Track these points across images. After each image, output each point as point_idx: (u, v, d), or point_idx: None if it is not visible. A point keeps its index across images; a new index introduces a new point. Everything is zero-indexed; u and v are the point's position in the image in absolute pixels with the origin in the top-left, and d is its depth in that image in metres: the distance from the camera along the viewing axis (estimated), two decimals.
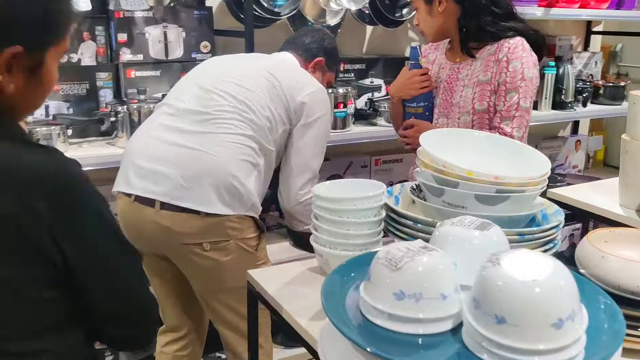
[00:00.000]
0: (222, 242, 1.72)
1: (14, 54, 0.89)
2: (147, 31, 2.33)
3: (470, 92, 1.94)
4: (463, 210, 1.04)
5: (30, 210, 0.88)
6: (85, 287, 0.95)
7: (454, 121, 1.97)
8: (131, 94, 2.34)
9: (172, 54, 2.39)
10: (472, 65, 1.95)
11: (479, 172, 1.04)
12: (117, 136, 2.21)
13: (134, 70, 2.34)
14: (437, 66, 2.07)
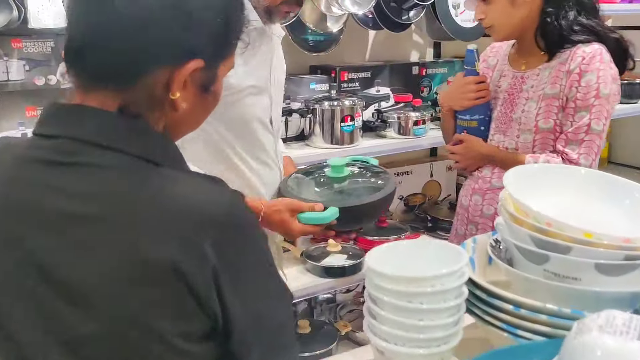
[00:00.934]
0: None
1: (195, 69, 0.77)
2: None
3: (535, 106, 1.63)
4: (575, 282, 0.77)
5: (198, 257, 0.71)
6: (243, 342, 0.78)
7: (512, 139, 1.68)
8: None
9: None
10: (540, 75, 1.64)
11: (602, 234, 0.76)
12: None
13: None
14: (498, 73, 1.76)
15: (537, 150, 1.64)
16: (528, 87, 1.66)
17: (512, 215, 0.83)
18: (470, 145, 1.75)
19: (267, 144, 1.51)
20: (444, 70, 2.71)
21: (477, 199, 1.80)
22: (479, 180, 1.80)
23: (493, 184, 1.76)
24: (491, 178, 1.77)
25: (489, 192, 1.76)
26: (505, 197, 0.87)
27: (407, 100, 2.42)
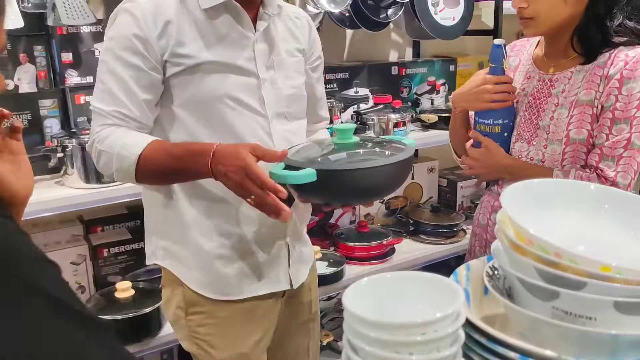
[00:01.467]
0: None
1: None
2: (96, 48, 1.87)
3: (566, 114, 1.42)
4: (589, 323, 0.64)
5: None
6: None
7: (538, 149, 1.47)
8: (82, 123, 1.90)
9: None
10: (572, 79, 1.43)
11: (622, 267, 0.63)
12: (66, 173, 1.78)
13: (84, 95, 1.89)
14: (522, 75, 1.55)
15: (567, 164, 1.43)
16: (558, 91, 1.45)
17: (512, 242, 0.70)
18: (491, 153, 1.52)
19: (241, 127, 1.33)
20: (424, 70, 2.60)
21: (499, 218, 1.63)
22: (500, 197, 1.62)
23: None
24: None
25: None
26: (503, 219, 0.75)
27: (387, 102, 2.30)
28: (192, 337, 1.45)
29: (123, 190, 1.78)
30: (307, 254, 1.57)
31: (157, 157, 1.23)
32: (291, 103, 1.43)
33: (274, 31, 1.41)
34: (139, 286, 1.96)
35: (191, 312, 1.43)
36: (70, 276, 1.94)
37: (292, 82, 1.44)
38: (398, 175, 1.28)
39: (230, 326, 1.45)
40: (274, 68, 1.40)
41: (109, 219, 2.10)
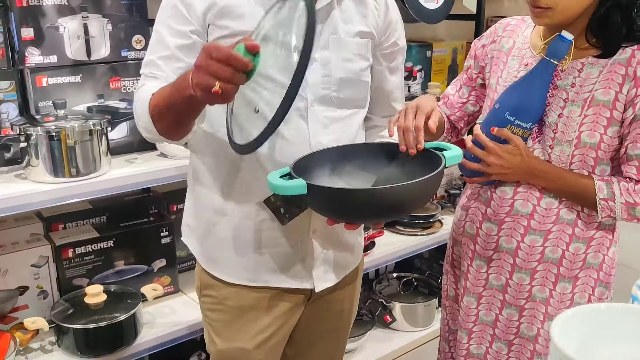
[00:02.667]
0: None
1: None
2: (61, 24, 1.65)
3: (578, 112, 1.30)
4: None
5: None
6: None
7: (544, 149, 1.36)
8: (44, 108, 1.68)
9: (96, 53, 1.73)
10: (584, 72, 1.31)
11: None
12: (29, 165, 1.56)
13: (46, 77, 1.67)
14: (517, 60, 1.41)
15: (574, 168, 1.34)
16: (566, 84, 1.32)
17: None
18: (521, 151, 1.34)
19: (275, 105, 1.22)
20: None
21: (491, 227, 1.44)
22: (493, 202, 1.43)
23: (517, 209, 1.39)
24: (513, 199, 1.40)
25: (509, 218, 1.41)
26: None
27: None
28: (204, 318, 1.46)
29: (95, 185, 1.59)
30: (344, 260, 1.44)
31: (161, 90, 1.17)
32: (343, 87, 1.29)
33: (336, 10, 1.27)
34: (110, 289, 1.78)
35: (204, 293, 1.42)
36: (31, 280, 1.73)
37: (349, 65, 1.30)
38: (413, 196, 1.15)
39: (237, 316, 1.37)
40: (329, 48, 1.27)
41: (71, 215, 1.89)
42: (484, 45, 1.52)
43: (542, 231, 1.39)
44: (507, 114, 1.34)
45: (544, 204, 1.38)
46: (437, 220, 2.57)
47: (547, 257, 1.40)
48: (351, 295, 1.51)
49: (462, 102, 1.60)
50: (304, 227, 1.31)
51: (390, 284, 2.68)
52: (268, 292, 1.36)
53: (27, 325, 1.63)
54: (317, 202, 1.15)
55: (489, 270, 1.48)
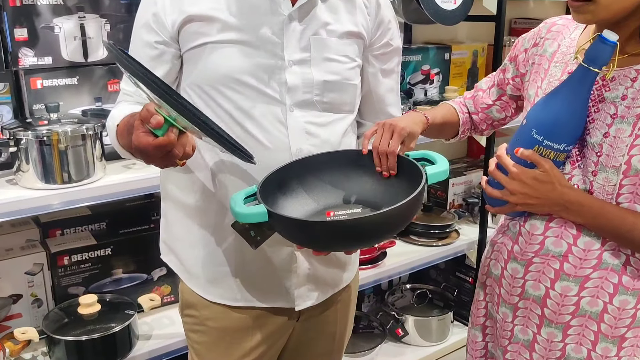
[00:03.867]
0: None
1: None
2: (56, 24, 1.60)
3: (629, 131, 1.07)
4: None
5: None
6: None
7: (585, 175, 1.13)
8: (39, 111, 1.62)
9: (94, 55, 1.68)
10: (638, 82, 1.08)
11: None
12: (20, 170, 1.50)
13: (41, 79, 1.61)
14: (560, 68, 1.19)
15: (623, 201, 1.09)
16: (615, 96, 1.10)
17: None
18: (551, 178, 1.12)
19: (253, 112, 1.17)
20: (418, 58, 2.40)
21: (517, 268, 1.22)
22: (521, 238, 1.21)
23: (548, 247, 1.16)
24: (544, 236, 1.17)
25: (537, 259, 1.18)
26: None
27: None
28: (187, 339, 1.39)
29: (88, 192, 1.52)
30: (332, 278, 1.34)
31: (121, 126, 1.13)
32: (327, 91, 1.21)
33: (321, 8, 1.19)
34: (105, 299, 1.72)
35: (186, 313, 1.35)
36: (25, 288, 1.68)
37: (334, 67, 1.21)
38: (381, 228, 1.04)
39: (220, 338, 1.30)
40: (310, 49, 1.18)
41: (69, 221, 1.84)
42: (526, 49, 1.31)
43: (578, 277, 1.14)
44: (535, 132, 1.12)
45: (582, 243, 1.14)
46: (453, 230, 2.46)
47: (583, 309, 1.15)
48: (344, 316, 1.42)
49: (487, 104, 1.42)
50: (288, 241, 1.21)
51: (403, 295, 2.58)
52: (252, 312, 1.28)
53: (17, 336, 1.58)
54: (280, 229, 1.08)
55: (515, 320, 1.24)
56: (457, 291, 2.59)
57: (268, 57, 1.16)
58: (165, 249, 1.36)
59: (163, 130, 0.89)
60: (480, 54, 2.59)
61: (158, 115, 0.88)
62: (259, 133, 1.16)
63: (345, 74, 1.23)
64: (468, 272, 2.56)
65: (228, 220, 1.19)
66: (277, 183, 1.15)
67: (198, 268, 1.28)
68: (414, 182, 1.07)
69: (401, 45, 1.36)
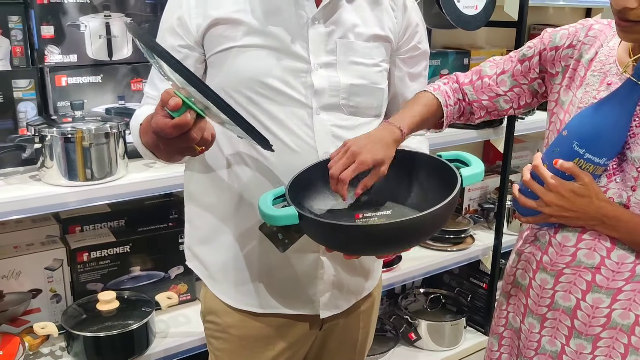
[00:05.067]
0: None
1: None
2: (82, 22, 1.62)
3: None
4: None
5: None
6: None
7: (623, 190, 1.12)
8: (63, 108, 1.64)
9: (118, 53, 1.69)
10: None
11: None
12: (44, 166, 1.52)
13: (66, 76, 1.63)
14: (598, 78, 1.17)
15: None
16: None
17: None
18: (589, 192, 1.11)
19: (279, 116, 1.17)
20: (437, 62, 2.40)
21: (546, 279, 1.21)
22: (552, 248, 1.20)
23: (580, 259, 1.16)
24: (576, 247, 1.17)
25: (568, 270, 1.18)
26: None
27: None
28: (208, 345, 1.39)
29: (110, 190, 1.54)
30: (356, 286, 1.34)
31: (144, 124, 1.12)
32: (353, 94, 1.21)
33: (345, 10, 1.19)
34: (123, 296, 1.73)
35: (208, 319, 1.35)
36: (44, 283, 1.69)
37: (360, 70, 1.21)
38: (415, 232, 1.03)
39: (242, 347, 1.29)
40: (336, 52, 1.18)
41: (89, 217, 1.85)
42: (557, 47, 1.26)
43: (610, 289, 1.14)
44: (576, 144, 1.11)
45: (615, 256, 1.14)
46: (468, 235, 2.46)
47: (614, 322, 1.15)
48: (366, 324, 1.42)
49: (497, 93, 1.34)
50: (314, 246, 1.21)
51: (416, 299, 2.58)
52: (275, 320, 1.28)
53: (36, 331, 1.59)
54: (310, 232, 1.07)
55: (542, 331, 1.23)
56: (471, 297, 2.59)
57: (294, 60, 1.16)
58: (190, 255, 1.36)
59: (180, 112, 0.89)
60: None
61: (176, 97, 0.89)
62: (286, 136, 1.17)
63: (372, 77, 1.23)
64: (482, 278, 2.56)
65: (253, 223, 1.19)
66: (303, 184, 1.14)
67: (222, 273, 1.28)
68: (447, 184, 1.06)
69: (428, 49, 1.36)
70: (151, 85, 1.26)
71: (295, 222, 1.03)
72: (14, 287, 1.66)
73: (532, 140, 2.91)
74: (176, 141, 0.92)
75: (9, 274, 1.65)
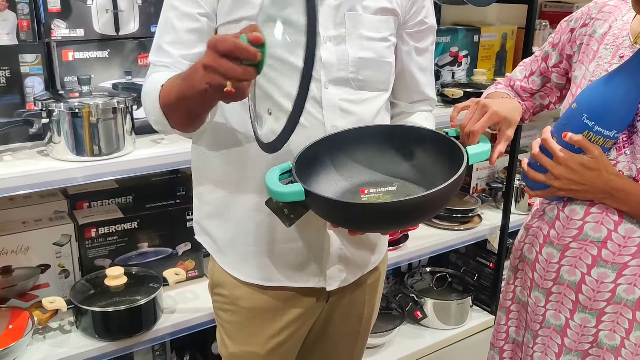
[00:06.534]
0: None
1: None
2: None
3: None
4: None
5: None
6: None
7: (632, 162, 1.12)
8: (69, 83, 1.63)
9: (125, 28, 1.68)
10: None
11: None
12: (51, 142, 1.52)
13: (72, 51, 1.62)
14: (610, 51, 1.17)
15: None
16: None
17: None
18: (599, 165, 1.11)
19: (284, 88, 1.12)
20: (447, 39, 2.38)
21: (552, 253, 1.22)
22: (559, 222, 1.21)
23: (586, 233, 1.16)
24: (583, 221, 1.17)
25: (575, 244, 1.18)
26: None
27: None
28: (216, 318, 1.40)
29: (118, 165, 1.54)
30: (362, 259, 1.34)
31: (170, 83, 1.09)
32: (362, 68, 1.20)
33: None
34: (131, 272, 1.74)
35: (216, 292, 1.36)
36: (53, 259, 1.70)
37: (369, 43, 1.20)
38: (420, 210, 1.02)
39: (250, 319, 1.31)
40: (345, 25, 1.17)
41: (96, 193, 1.86)
42: (572, 29, 1.28)
43: (616, 264, 1.14)
44: (586, 117, 1.11)
45: (623, 230, 1.14)
46: (475, 215, 2.45)
47: (619, 297, 1.15)
48: (372, 298, 1.43)
49: (531, 92, 1.39)
50: (321, 220, 1.20)
51: (422, 278, 2.59)
52: (283, 293, 1.29)
53: (45, 305, 1.60)
54: (317, 209, 1.07)
55: (547, 305, 1.25)
56: (477, 276, 2.59)
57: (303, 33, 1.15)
58: (199, 229, 1.36)
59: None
60: (509, 36, 2.56)
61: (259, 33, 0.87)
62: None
63: (381, 51, 1.22)
64: (489, 257, 2.56)
65: (261, 198, 1.19)
66: (308, 160, 1.13)
67: (231, 247, 1.29)
68: (453, 161, 1.05)
69: (435, 24, 1.35)
70: (160, 52, 1.20)
71: (301, 199, 1.03)
72: (22, 262, 1.67)
73: (541, 120, 2.88)
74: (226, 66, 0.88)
75: (17, 249, 1.65)
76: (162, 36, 1.19)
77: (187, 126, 1.14)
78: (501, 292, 1.42)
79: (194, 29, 1.16)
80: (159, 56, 1.20)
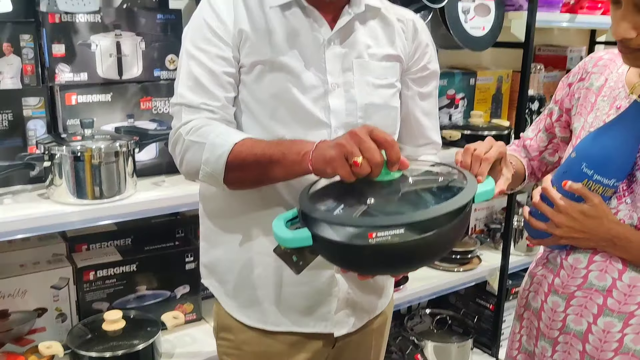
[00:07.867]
0: None
1: None
2: (93, 41, 1.63)
3: None
4: None
5: None
6: None
7: (633, 211, 1.11)
8: (72, 127, 1.64)
9: (128, 72, 1.70)
10: None
11: None
12: (53, 184, 1.52)
13: (76, 94, 1.63)
14: (607, 102, 1.18)
15: None
16: None
17: None
18: (601, 214, 1.11)
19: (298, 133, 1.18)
20: (444, 83, 2.41)
21: (558, 302, 1.20)
22: (563, 271, 1.20)
23: (591, 282, 1.16)
24: (588, 269, 1.17)
25: (580, 292, 1.17)
26: None
27: None
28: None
29: (120, 208, 1.54)
30: (369, 304, 1.34)
31: (254, 144, 1.10)
32: (370, 114, 1.22)
33: (358, 32, 1.22)
34: (129, 316, 1.72)
35: (221, 336, 1.35)
36: (50, 302, 1.68)
37: (376, 90, 1.23)
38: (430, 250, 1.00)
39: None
40: (353, 71, 1.20)
41: (95, 236, 1.85)
42: (570, 84, 1.31)
43: (622, 313, 1.13)
44: (585, 165, 1.12)
45: (627, 278, 1.13)
46: (475, 256, 2.45)
47: (627, 347, 1.13)
48: (378, 343, 1.42)
49: (539, 150, 1.42)
50: (329, 264, 1.20)
51: (422, 320, 2.56)
52: (289, 338, 1.27)
53: (41, 350, 1.58)
54: (324, 253, 1.05)
55: (554, 355, 1.22)
56: (477, 318, 2.57)
57: (312, 80, 1.18)
58: (205, 273, 1.35)
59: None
60: (505, 80, 2.60)
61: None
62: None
63: (387, 97, 1.25)
64: (489, 299, 2.55)
65: (268, 242, 1.19)
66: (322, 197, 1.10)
67: (237, 291, 1.28)
68: (453, 193, 1.02)
69: (438, 69, 1.37)
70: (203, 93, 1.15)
71: (309, 244, 1.02)
72: (19, 306, 1.65)
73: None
74: (371, 144, 0.97)
75: (14, 292, 1.64)
76: (198, 75, 1.16)
77: (244, 186, 1.16)
78: (508, 341, 1.41)
79: (230, 73, 1.17)
80: (204, 98, 1.15)
